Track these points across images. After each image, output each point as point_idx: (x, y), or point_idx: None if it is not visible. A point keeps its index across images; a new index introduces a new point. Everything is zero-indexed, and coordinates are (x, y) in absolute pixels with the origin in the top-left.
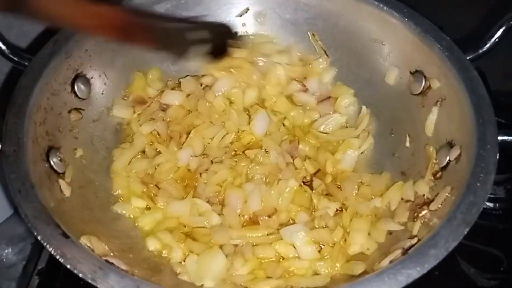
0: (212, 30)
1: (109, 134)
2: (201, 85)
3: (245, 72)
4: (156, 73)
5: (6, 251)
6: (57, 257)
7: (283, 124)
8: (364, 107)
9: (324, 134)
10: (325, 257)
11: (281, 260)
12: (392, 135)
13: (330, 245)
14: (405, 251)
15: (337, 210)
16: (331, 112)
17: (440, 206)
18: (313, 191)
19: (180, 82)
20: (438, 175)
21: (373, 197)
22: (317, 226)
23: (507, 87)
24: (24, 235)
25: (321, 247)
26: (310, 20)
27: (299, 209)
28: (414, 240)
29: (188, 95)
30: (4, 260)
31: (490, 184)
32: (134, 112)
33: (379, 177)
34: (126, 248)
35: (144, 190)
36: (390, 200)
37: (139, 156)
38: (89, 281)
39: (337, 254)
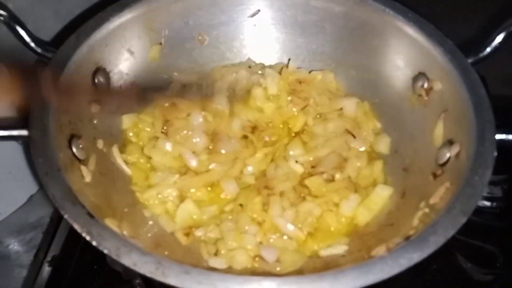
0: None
1: None
2: None
3: None
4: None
5: (17, 239)
6: (83, 234)
7: None
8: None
9: None
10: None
11: None
12: (395, 133)
13: None
14: (406, 238)
15: None
16: None
17: (438, 200)
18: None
19: None
20: (439, 172)
21: None
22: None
23: (506, 92)
24: (35, 224)
25: None
26: (319, 22)
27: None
28: (413, 231)
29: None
30: (15, 247)
31: (487, 178)
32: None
33: None
34: (143, 233)
35: None
36: None
37: None
38: (114, 257)
39: None
